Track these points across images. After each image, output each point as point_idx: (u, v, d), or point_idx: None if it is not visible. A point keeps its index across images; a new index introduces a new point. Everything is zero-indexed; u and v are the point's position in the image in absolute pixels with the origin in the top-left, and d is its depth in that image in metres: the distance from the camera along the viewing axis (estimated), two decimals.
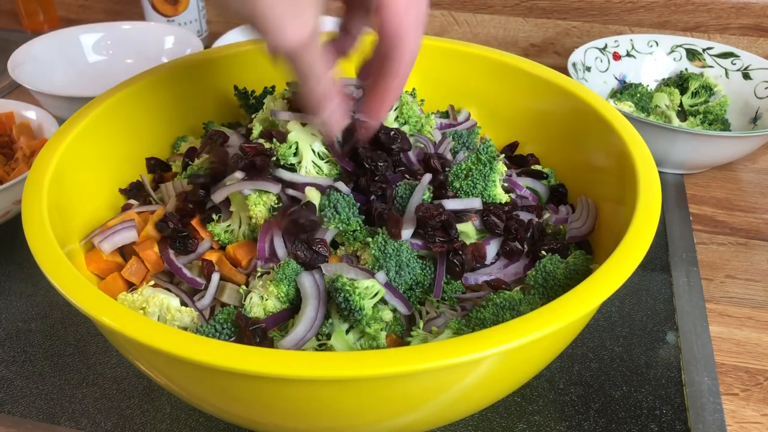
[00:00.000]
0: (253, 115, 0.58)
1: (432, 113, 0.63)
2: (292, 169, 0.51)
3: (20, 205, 0.54)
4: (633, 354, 0.57)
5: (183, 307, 0.47)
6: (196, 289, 0.50)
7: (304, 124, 0.52)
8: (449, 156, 0.58)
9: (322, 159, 0.52)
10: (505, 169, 0.55)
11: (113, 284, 0.50)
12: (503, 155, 0.63)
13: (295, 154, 0.51)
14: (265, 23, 0.37)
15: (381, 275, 0.45)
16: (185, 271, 0.49)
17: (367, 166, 0.50)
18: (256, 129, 0.55)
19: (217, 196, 0.50)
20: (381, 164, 0.51)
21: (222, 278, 0.50)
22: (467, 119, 0.67)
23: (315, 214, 0.47)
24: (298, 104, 0.54)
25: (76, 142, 0.52)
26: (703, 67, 0.89)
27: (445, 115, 0.68)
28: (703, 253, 0.68)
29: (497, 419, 0.51)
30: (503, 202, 0.53)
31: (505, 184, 0.56)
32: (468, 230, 0.51)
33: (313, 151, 0.51)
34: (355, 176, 0.51)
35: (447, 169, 0.54)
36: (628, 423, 0.51)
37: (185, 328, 0.46)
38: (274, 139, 0.51)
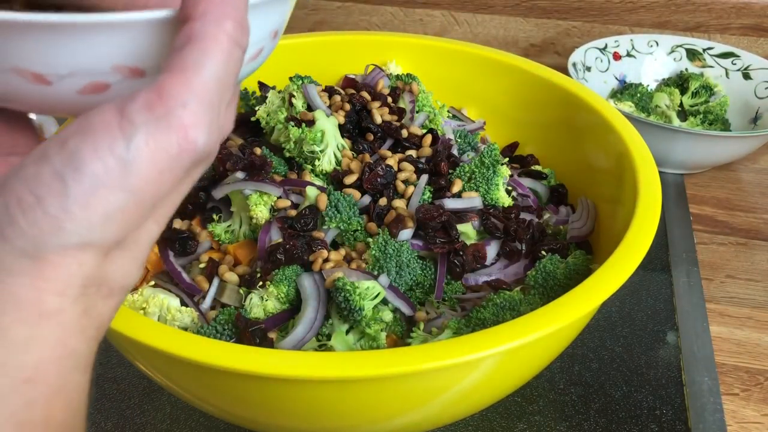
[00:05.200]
0: (256, 108, 0.59)
1: (444, 105, 0.64)
2: (313, 156, 0.52)
3: None
4: (633, 354, 0.57)
5: (183, 308, 0.47)
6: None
7: (328, 116, 0.54)
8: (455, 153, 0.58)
9: (340, 151, 0.53)
10: (509, 172, 0.55)
11: None
12: (507, 159, 0.63)
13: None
14: None
15: (383, 278, 0.45)
16: (185, 276, 0.49)
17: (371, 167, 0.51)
18: (280, 114, 0.56)
19: (218, 193, 0.51)
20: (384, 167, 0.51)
21: (222, 279, 0.50)
22: (481, 126, 0.67)
23: None
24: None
25: None
26: (704, 67, 0.89)
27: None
28: (703, 253, 0.68)
29: (497, 419, 0.51)
30: (506, 205, 0.53)
31: (509, 187, 0.56)
32: (468, 231, 0.51)
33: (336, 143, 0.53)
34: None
35: (451, 171, 0.54)
36: (629, 423, 0.51)
37: (185, 329, 0.46)
38: (303, 124, 0.53)
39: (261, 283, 0.46)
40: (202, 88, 0.23)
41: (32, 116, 0.30)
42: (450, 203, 0.50)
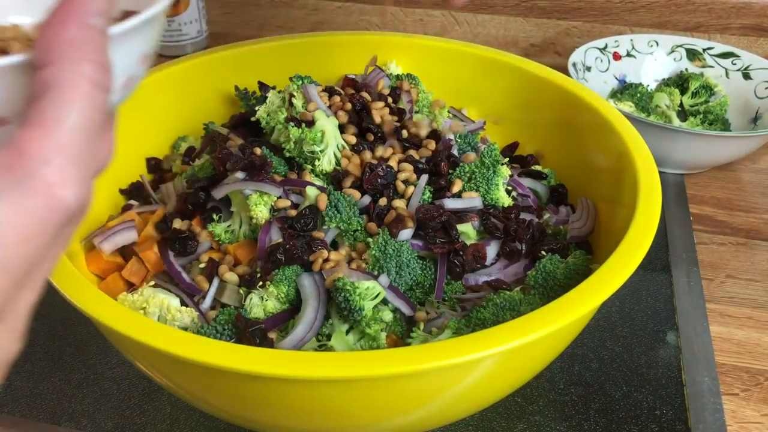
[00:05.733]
0: (256, 108, 0.59)
1: (444, 105, 0.64)
2: (313, 156, 0.52)
3: None
4: (633, 354, 0.57)
5: (183, 307, 0.47)
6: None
7: (328, 116, 0.54)
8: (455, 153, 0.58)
9: (340, 151, 0.53)
10: (509, 172, 0.55)
11: (113, 284, 0.50)
12: (507, 159, 0.63)
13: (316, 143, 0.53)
14: None
15: (384, 278, 0.45)
16: (184, 275, 0.49)
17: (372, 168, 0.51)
18: (280, 114, 0.56)
19: (218, 193, 0.51)
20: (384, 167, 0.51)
21: (222, 279, 0.50)
22: (481, 126, 0.67)
23: None
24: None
25: None
26: (704, 67, 0.89)
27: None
28: (703, 253, 0.68)
29: (497, 419, 0.51)
30: (506, 205, 0.53)
31: (509, 187, 0.56)
32: (468, 231, 0.51)
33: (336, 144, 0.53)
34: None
35: (451, 171, 0.54)
36: (629, 423, 0.51)
37: (185, 329, 0.46)
38: (303, 124, 0.53)
39: (261, 283, 0.46)
40: (65, 141, 0.21)
41: None
42: (450, 203, 0.50)
